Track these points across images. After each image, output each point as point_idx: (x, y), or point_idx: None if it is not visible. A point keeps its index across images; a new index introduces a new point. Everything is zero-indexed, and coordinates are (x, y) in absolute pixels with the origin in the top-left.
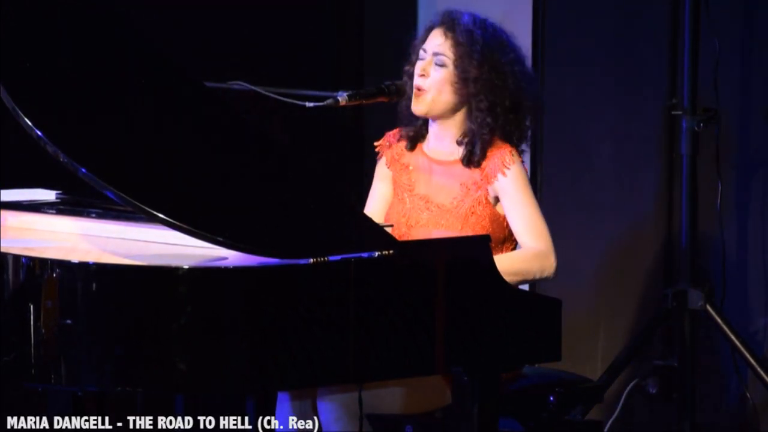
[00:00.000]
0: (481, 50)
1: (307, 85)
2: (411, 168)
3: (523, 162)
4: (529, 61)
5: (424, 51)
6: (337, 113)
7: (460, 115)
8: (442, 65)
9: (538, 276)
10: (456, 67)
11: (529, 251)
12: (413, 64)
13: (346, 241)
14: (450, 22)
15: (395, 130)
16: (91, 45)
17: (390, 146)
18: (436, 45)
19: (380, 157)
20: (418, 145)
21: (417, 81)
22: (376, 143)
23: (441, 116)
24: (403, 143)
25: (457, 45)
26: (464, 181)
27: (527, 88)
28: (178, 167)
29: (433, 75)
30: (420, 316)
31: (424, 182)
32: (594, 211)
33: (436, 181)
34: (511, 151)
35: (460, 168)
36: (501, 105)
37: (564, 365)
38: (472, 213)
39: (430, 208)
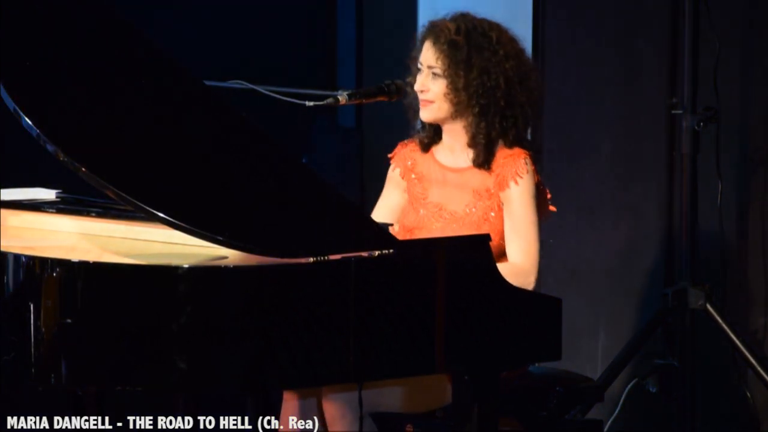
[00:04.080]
0: (466, 57)
1: (306, 84)
2: (424, 177)
3: (536, 169)
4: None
5: (421, 64)
6: (337, 113)
7: (465, 121)
8: (437, 76)
9: None
10: (446, 77)
11: (512, 267)
12: (414, 77)
13: (346, 241)
14: (435, 34)
15: (408, 141)
16: (91, 44)
17: (404, 157)
18: (428, 58)
19: (393, 169)
20: (431, 153)
21: (420, 96)
22: (390, 155)
23: (447, 122)
24: (417, 152)
25: (444, 56)
26: (477, 187)
27: (523, 83)
28: (178, 166)
29: (432, 88)
30: (420, 315)
31: (437, 190)
32: (594, 210)
33: (450, 188)
34: (525, 159)
35: (473, 174)
36: (495, 106)
37: (564, 365)
38: (485, 220)
39: (443, 216)
